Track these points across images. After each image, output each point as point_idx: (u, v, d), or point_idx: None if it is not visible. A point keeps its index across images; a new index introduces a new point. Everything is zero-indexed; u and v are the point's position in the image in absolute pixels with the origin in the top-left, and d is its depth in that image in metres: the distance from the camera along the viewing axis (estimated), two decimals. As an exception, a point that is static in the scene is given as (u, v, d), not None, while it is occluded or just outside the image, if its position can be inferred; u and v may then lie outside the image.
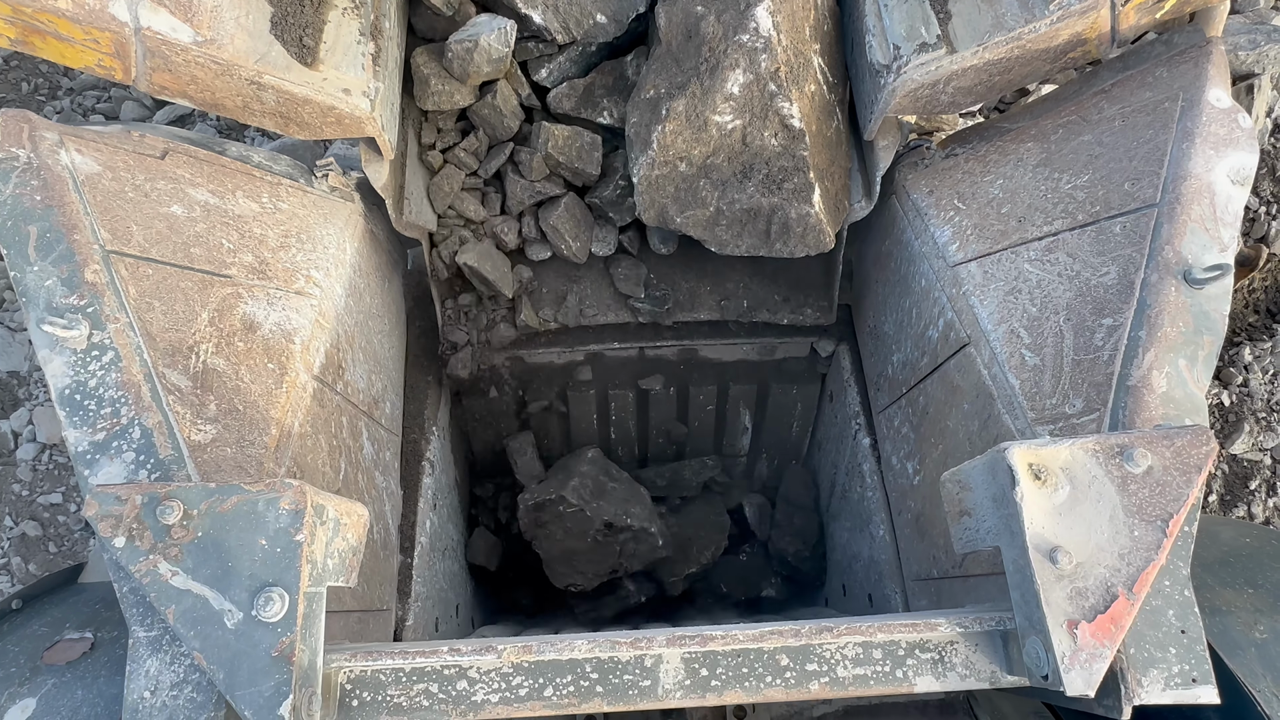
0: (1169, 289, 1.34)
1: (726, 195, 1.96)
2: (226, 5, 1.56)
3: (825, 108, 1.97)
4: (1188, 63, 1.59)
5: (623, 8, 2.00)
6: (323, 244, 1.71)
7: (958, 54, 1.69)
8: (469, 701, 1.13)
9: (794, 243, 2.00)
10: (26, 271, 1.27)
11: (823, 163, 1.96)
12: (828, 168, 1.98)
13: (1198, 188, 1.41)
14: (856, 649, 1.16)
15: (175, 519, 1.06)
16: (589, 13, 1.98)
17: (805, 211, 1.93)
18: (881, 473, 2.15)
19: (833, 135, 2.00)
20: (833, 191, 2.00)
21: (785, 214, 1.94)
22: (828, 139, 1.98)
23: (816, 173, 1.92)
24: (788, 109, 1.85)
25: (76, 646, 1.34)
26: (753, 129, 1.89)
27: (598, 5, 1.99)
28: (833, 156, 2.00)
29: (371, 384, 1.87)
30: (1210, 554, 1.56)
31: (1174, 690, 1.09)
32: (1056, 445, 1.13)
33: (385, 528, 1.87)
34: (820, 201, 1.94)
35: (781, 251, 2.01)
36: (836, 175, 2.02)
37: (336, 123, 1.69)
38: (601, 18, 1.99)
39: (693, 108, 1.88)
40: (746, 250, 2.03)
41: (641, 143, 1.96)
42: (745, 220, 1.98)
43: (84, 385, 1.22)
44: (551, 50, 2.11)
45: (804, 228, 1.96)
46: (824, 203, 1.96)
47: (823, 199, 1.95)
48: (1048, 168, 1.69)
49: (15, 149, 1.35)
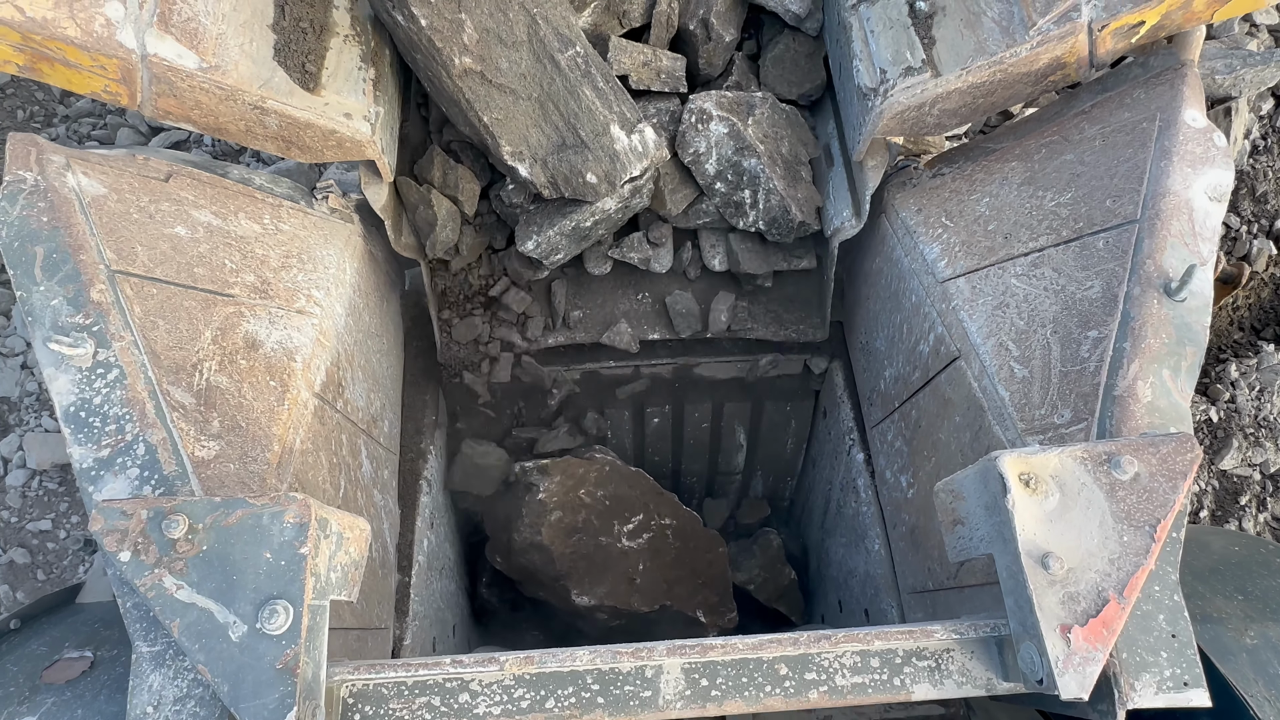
0: (1151, 301, 1.38)
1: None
2: (231, 32, 1.60)
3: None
4: (1164, 84, 1.65)
5: (614, 170, 2.01)
6: (323, 264, 1.74)
7: (942, 77, 1.75)
8: (471, 714, 1.14)
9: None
10: (33, 291, 1.29)
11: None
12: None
13: (1176, 204, 1.46)
14: (854, 657, 1.18)
15: (180, 533, 1.08)
16: (578, 171, 2.00)
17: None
18: (876, 487, 2.17)
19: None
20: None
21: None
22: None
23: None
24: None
25: (76, 665, 1.34)
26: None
27: (588, 165, 2.00)
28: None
29: (370, 402, 1.88)
30: (1201, 563, 1.59)
31: (1166, 693, 1.10)
32: (1046, 453, 1.16)
33: (383, 546, 1.87)
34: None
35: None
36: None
37: (338, 146, 1.73)
38: (592, 177, 2.02)
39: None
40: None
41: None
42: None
43: (89, 403, 1.24)
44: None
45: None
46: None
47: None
48: (1032, 186, 1.74)
49: (23, 171, 1.38)
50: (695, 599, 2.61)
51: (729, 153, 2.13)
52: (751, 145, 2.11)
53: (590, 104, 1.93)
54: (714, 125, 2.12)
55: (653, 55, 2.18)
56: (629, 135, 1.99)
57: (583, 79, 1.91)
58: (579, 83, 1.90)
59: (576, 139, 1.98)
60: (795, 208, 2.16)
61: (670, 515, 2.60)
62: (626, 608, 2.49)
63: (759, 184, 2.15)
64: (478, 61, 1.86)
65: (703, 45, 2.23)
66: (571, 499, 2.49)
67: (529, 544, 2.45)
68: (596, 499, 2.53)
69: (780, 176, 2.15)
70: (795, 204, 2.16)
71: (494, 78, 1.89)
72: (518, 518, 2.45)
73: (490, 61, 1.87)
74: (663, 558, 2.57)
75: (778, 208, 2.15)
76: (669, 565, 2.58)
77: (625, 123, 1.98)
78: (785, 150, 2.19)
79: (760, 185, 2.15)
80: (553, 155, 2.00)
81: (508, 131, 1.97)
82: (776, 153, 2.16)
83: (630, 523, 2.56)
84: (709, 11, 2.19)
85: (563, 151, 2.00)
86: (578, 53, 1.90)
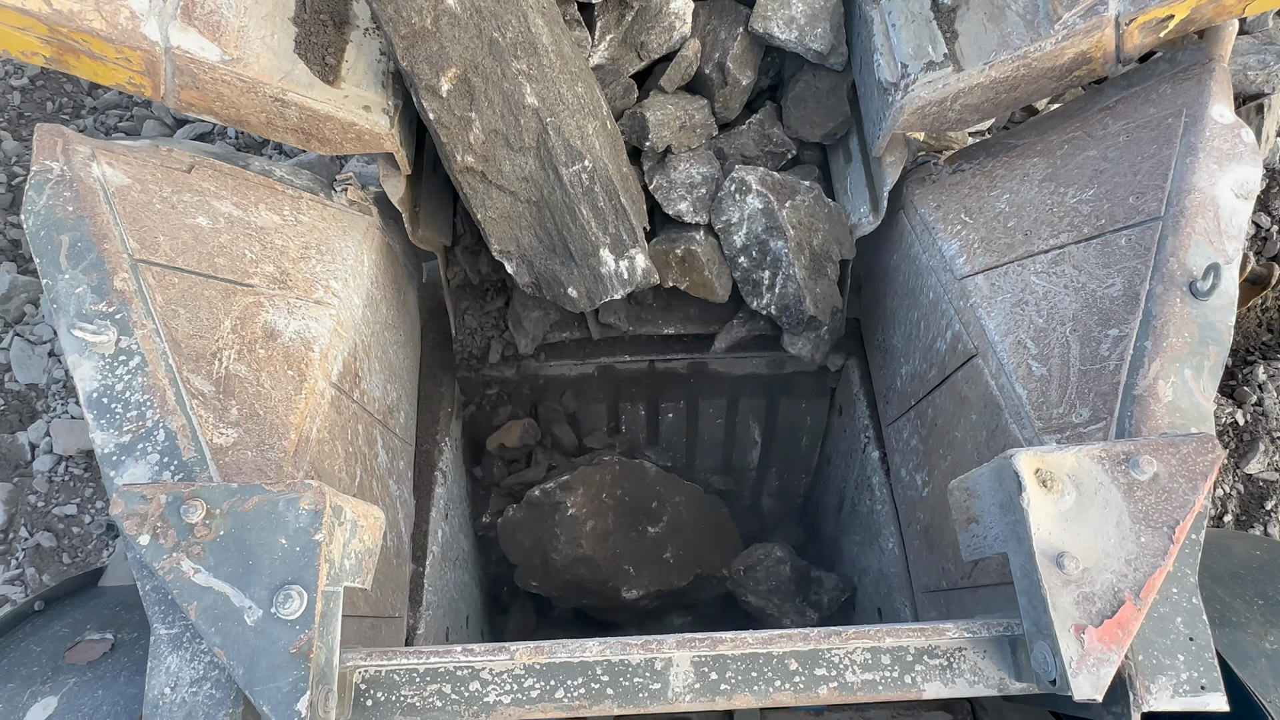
0: (1174, 300, 1.36)
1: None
2: (253, 25, 1.62)
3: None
4: (1191, 79, 1.62)
5: (596, 290, 2.03)
6: (341, 256, 1.76)
7: (964, 72, 1.73)
8: (481, 703, 1.14)
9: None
10: (58, 279, 1.31)
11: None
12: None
13: (1202, 201, 1.43)
14: (865, 654, 1.17)
15: (198, 518, 1.09)
16: (561, 282, 2.03)
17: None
18: (891, 485, 2.15)
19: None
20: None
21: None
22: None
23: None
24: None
25: (97, 647, 1.37)
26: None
27: (572, 279, 2.03)
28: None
29: (387, 393, 1.90)
30: (1222, 567, 1.56)
31: (1182, 697, 1.09)
32: (1062, 452, 1.15)
33: (398, 536, 1.89)
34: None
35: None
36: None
37: (357, 139, 1.74)
38: (573, 291, 2.04)
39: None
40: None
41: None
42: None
43: (111, 389, 1.26)
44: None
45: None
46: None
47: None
48: (1053, 182, 1.72)
49: (50, 161, 1.40)
50: (718, 557, 2.71)
51: (759, 229, 2.09)
52: (782, 227, 2.06)
53: (585, 223, 1.91)
54: (751, 199, 2.08)
55: (686, 115, 2.14)
56: (618, 260, 1.98)
57: (583, 197, 1.88)
58: (579, 200, 1.88)
59: (566, 251, 1.99)
60: (810, 300, 2.11)
61: (679, 493, 2.69)
62: (669, 588, 2.59)
63: (780, 267, 2.10)
64: (480, 161, 1.85)
65: (719, 90, 2.16)
66: (598, 506, 2.56)
67: (572, 559, 2.52)
68: (618, 499, 2.60)
69: (804, 266, 2.10)
70: (811, 297, 2.12)
71: (494, 179, 1.88)
72: (551, 538, 2.52)
73: (493, 163, 1.86)
74: (684, 532, 2.66)
75: (793, 296, 2.11)
76: (691, 537, 2.68)
77: (618, 245, 1.97)
78: (816, 243, 2.13)
79: (781, 270, 2.10)
80: (540, 258, 2.02)
81: (499, 230, 1.98)
82: (806, 242, 2.11)
83: (649, 511, 2.64)
84: (725, 55, 2.12)
85: (551, 257, 2.01)
86: (584, 167, 1.86)
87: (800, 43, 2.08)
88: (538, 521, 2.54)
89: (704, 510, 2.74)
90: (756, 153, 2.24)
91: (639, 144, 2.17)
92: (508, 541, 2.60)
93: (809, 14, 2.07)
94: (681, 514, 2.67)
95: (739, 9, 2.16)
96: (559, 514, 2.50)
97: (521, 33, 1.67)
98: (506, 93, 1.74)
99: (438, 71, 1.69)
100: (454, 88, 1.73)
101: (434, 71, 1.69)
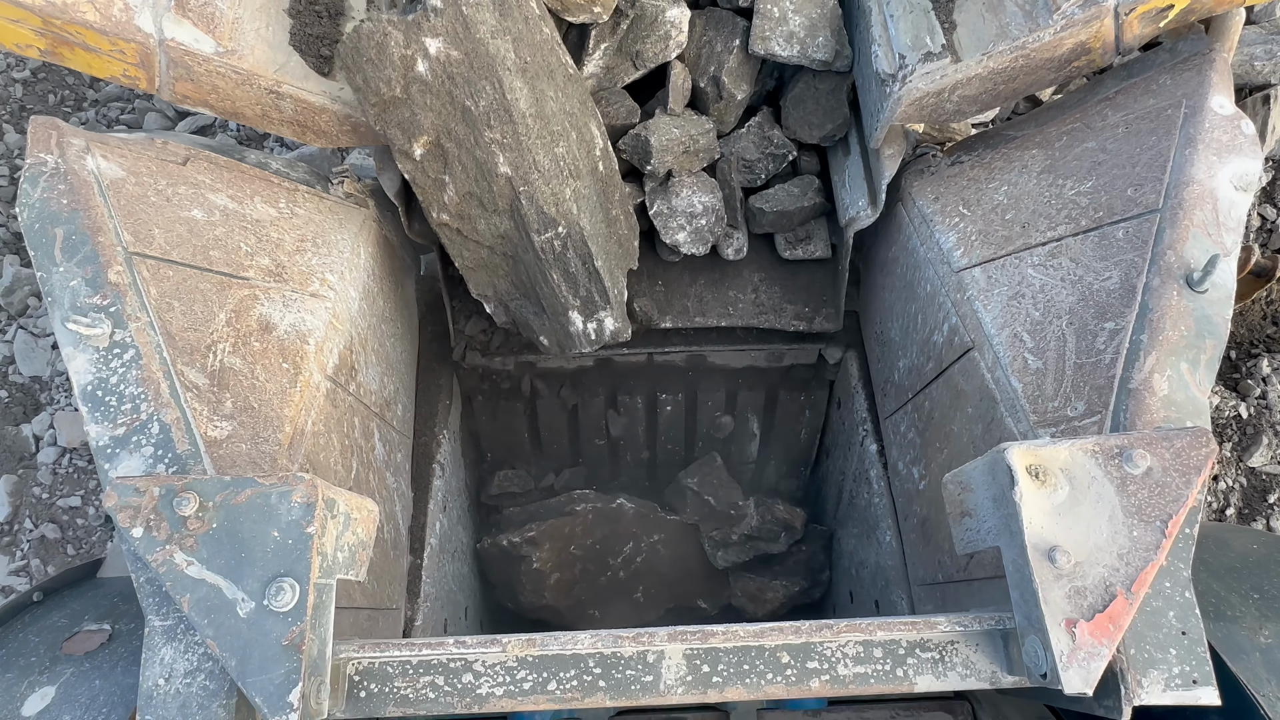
0: (1171, 293, 1.35)
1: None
2: (247, 17, 1.61)
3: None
4: (1191, 70, 1.60)
5: (566, 343, 2.07)
6: (337, 248, 1.76)
7: (962, 63, 1.71)
8: (474, 694, 1.15)
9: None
10: (53, 272, 1.32)
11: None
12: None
13: (1200, 193, 1.42)
14: (857, 647, 1.17)
15: (191, 510, 1.10)
16: (533, 329, 2.08)
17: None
18: (888, 478, 2.15)
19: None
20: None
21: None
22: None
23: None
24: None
25: (95, 638, 1.38)
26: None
27: (544, 329, 2.08)
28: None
29: (384, 386, 1.90)
30: (1219, 561, 1.56)
31: (1174, 691, 1.09)
32: (1055, 446, 1.14)
33: (395, 528, 1.90)
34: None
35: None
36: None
37: (352, 131, 1.74)
38: (545, 339, 2.10)
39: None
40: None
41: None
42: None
43: (105, 382, 1.26)
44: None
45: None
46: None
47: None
48: (1052, 174, 1.70)
49: (44, 154, 1.40)
50: (695, 590, 2.71)
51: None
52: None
53: (555, 287, 1.92)
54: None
55: (690, 139, 2.11)
56: (586, 322, 1.99)
57: (555, 262, 1.88)
58: (550, 265, 1.88)
59: (538, 304, 2.01)
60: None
61: (656, 531, 2.68)
62: (637, 624, 2.61)
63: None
64: (455, 219, 1.85)
65: (714, 104, 2.13)
66: (564, 558, 2.60)
67: (536, 605, 2.59)
68: (587, 548, 2.63)
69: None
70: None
71: (470, 235, 1.89)
72: (519, 585, 2.57)
73: (468, 221, 1.86)
74: (658, 569, 2.68)
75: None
76: (666, 573, 2.68)
77: (588, 307, 1.97)
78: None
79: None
80: (515, 303, 2.06)
81: (476, 277, 2.00)
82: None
83: (622, 554, 2.65)
84: (720, 69, 2.08)
85: (525, 305, 2.04)
86: (557, 234, 1.84)
87: (804, 55, 2.03)
88: (506, 566, 2.59)
89: (684, 542, 2.71)
90: (757, 155, 2.21)
91: (640, 166, 2.13)
92: (486, 563, 2.64)
93: (808, 25, 2.01)
94: (659, 552, 2.66)
95: (736, 21, 2.10)
96: (524, 566, 2.55)
97: (496, 100, 1.64)
98: (480, 160, 1.73)
99: (410, 138, 1.69)
100: (427, 152, 1.72)
101: (406, 137, 1.69)
